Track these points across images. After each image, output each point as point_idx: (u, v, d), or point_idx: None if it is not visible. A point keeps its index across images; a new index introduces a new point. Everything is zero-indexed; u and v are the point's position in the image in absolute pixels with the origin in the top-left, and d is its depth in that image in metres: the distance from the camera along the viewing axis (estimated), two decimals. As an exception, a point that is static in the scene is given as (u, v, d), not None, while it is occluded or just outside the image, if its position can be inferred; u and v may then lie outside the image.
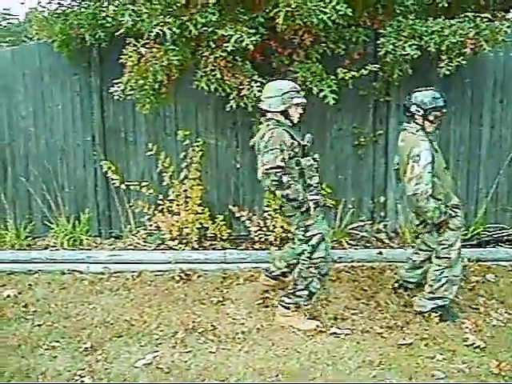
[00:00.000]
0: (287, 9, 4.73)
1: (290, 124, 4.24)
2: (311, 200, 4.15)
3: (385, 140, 6.04)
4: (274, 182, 4.01)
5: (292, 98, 4.17)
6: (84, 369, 3.73)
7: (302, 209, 4.12)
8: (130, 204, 6.14)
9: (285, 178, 4.03)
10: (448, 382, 3.48)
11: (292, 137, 4.15)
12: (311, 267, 4.21)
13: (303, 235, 4.24)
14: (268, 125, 4.19)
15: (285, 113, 4.21)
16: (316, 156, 4.29)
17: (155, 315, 4.51)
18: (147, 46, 5.05)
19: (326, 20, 4.82)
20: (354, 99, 5.82)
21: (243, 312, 4.53)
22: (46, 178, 6.27)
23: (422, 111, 4.19)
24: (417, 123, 4.24)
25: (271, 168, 4.00)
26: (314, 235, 4.20)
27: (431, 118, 4.19)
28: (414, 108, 4.21)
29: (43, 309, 4.68)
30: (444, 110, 4.22)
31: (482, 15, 5.08)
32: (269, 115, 4.24)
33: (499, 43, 5.16)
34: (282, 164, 4.04)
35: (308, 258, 4.21)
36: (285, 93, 4.17)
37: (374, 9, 5.51)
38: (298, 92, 4.24)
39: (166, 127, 6.09)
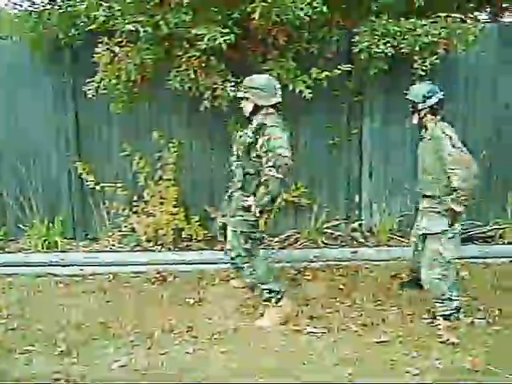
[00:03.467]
0: (263, 4, 4.74)
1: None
2: None
3: (359, 139, 6.09)
4: None
5: None
6: (59, 372, 3.68)
7: None
8: (105, 205, 6.10)
9: None
10: (423, 381, 3.52)
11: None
12: None
13: None
14: None
15: None
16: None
17: (131, 317, 4.47)
18: (120, 44, 5.02)
19: (302, 16, 4.83)
20: (327, 99, 5.83)
21: (220, 312, 4.53)
22: (18, 180, 6.20)
23: None
24: None
25: None
26: None
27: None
28: None
29: (17, 312, 4.62)
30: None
31: (453, 15, 5.15)
32: None
33: (470, 44, 5.23)
34: None
35: None
36: None
37: (347, 8, 5.55)
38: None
39: (140, 128, 6.07)
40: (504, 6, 7.85)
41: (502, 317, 4.31)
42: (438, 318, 4.18)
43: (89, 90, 5.20)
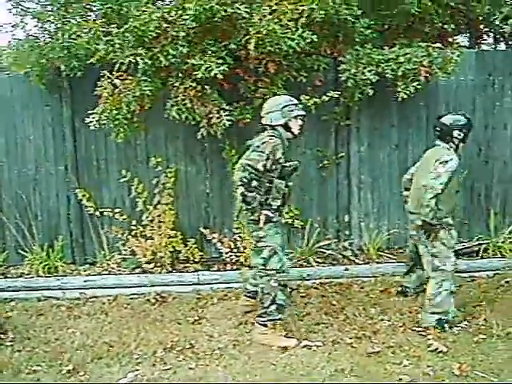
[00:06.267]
0: (258, 35, 5.00)
1: (291, 136, 4.49)
2: (264, 214, 4.30)
3: (347, 162, 6.33)
4: (243, 179, 4.20)
5: (291, 110, 4.41)
6: (67, 390, 3.80)
7: (252, 217, 4.30)
8: (104, 230, 6.25)
9: (254, 182, 4.21)
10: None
11: (283, 153, 4.34)
12: (270, 280, 4.34)
13: (255, 245, 4.47)
14: (269, 133, 4.37)
15: (285, 126, 4.42)
16: (290, 183, 4.50)
17: (134, 336, 4.60)
18: (121, 77, 5.24)
19: (294, 46, 5.10)
20: (316, 124, 6.08)
21: (219, 329, 4.68)
22: (19, 207, 6.34)
23: (462, 134, 4.58)
24: (453, 144, 4.60)
25: (249, 166, 4.21)
26: (264, 247, 4.35)
27: (467, 139, 4.64)
28: (456, 132, 4.57)
29: (22, 335, 4.71)
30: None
31: (434, 45, 5.46)
32: (270, 130, 4.41)
33: (450, 72, 5.54)
34: (261, 169, 4.22)
35: (262, 269, 4.37)
36: (284, 106, 4.40)
37: (333, 38, 5.83)
38: (295, 105, 4.47)
39: (137, 155, 6.25)
40: (484, 30, 8.08)
41: (487, 326, 4.52)
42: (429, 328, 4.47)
43: (90, 121, 5.37)
